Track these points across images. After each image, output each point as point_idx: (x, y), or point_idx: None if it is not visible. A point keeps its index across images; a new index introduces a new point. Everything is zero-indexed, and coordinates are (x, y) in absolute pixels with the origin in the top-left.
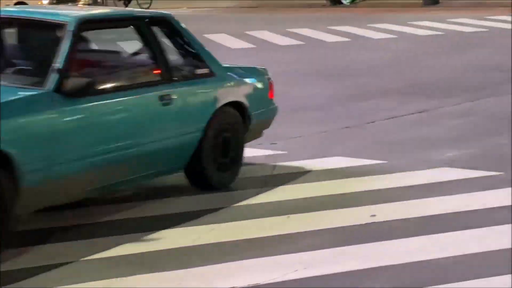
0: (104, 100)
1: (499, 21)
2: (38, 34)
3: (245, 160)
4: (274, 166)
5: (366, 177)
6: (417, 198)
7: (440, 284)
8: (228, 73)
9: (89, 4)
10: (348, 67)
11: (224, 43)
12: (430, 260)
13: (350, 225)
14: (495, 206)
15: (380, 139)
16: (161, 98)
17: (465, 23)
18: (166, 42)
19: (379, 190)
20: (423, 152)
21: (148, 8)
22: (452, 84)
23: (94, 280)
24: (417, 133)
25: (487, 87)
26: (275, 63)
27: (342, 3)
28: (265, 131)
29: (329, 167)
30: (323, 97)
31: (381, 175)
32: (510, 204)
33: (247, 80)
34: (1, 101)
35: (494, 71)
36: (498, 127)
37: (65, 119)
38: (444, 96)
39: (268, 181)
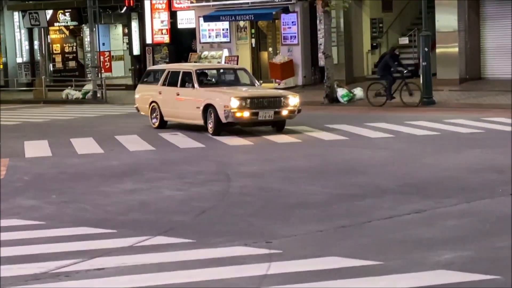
0: None
1: (495, 122)
2: None
3: (240, 259)
4: (269, 266)
5: (361, 279)
6: None
7: None
8: None
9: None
10: (345, 165)
11: (222, 140)
12: None
13: None
14: None
15: (376, 240)
16: None
17: (462, 124)
18: None
19: None
20: (420, 253)
21: None
22: (448, 185)
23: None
24: (414, 234)
25: (484, 189)
26: (272, 160)
27: (339, 101)
28: (261, 229)
29: (325, 268)
30: (320, 195)
31: (377, 277)
32: None
33: None
34: None
35: (491, 172)
36: (495, 229)
37: None
38: (440, 197)
39: (262, 281)
